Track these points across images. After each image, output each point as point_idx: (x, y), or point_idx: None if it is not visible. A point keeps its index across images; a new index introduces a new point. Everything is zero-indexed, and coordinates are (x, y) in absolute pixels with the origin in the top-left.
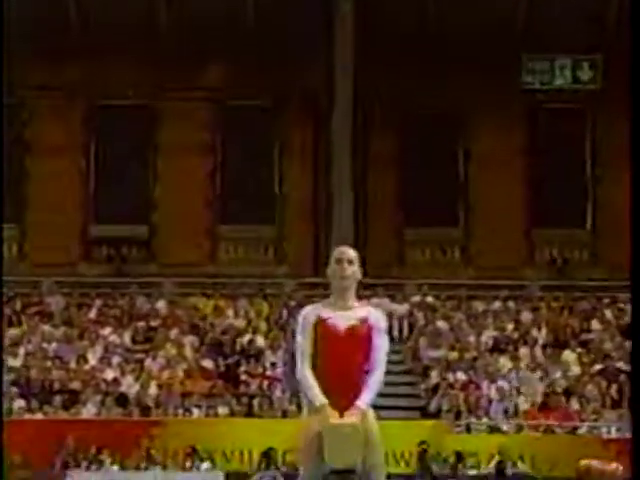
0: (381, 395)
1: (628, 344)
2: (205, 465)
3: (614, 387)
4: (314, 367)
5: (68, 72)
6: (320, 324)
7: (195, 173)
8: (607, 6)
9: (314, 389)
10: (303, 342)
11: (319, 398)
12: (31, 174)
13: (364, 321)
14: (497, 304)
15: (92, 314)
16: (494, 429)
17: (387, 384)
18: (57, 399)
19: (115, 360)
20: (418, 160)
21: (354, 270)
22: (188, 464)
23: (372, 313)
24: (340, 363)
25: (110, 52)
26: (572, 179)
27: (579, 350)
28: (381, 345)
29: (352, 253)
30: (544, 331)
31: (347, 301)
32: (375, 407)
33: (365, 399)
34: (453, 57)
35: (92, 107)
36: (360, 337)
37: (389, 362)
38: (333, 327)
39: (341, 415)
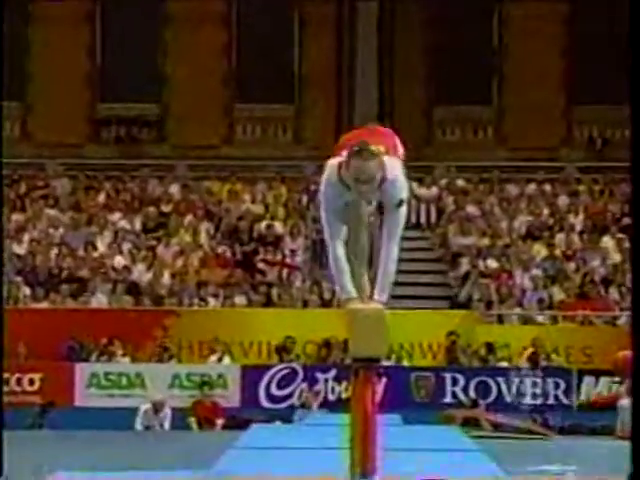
0: (408, 284)
1: None
2: (221, 357)
3: None
4: None
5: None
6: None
7: (209, 47)
8: None
9: (344, 278)
10: (332, 215)
11: (347, 290)
12: (33, 46)
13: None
14: (532, 187)
15: (100, 198)
16: (527, 320)
17: (414, 272)
18: (64, 288)
19: (125, 247)
20: (449, 28)
21: (372, 186)
22: (203, 356)
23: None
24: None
25: None
26: (613, 52)
27: (619, 236)
28: (397, 217)
29: (371, 171)
30: (582, 216)
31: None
32: (402, 297)
33: (382, 294)
34: None
35: None
36: None
37: (416, 249)
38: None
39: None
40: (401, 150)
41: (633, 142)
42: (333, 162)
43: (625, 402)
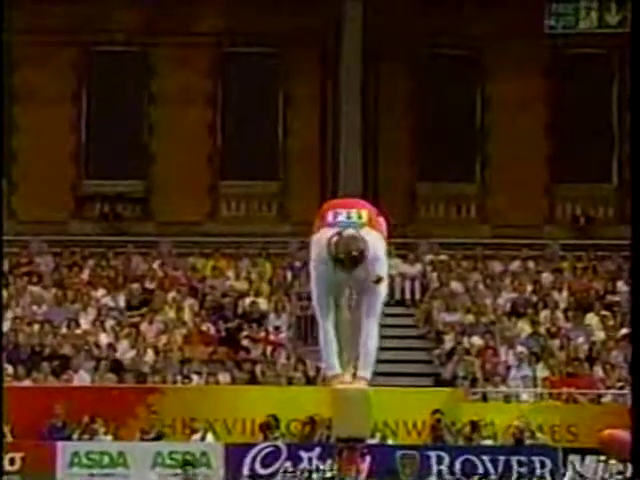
0: (393, 361)
1: None
2: (204, 435)
3: None
4: None
5: (57, 15)
6: None
7: (194, 125)
8: None
9: (331, 355)
10: (324, 292)
11: (333, 366)
12: (19, 124)
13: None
14: (516, 264)
15: (84, 275)
16: (512, 398)
17: (399, 349)
18: (47, 365)
19: (109, 324)
20: (432, 107)
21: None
22: (186, 434)
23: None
24: None
25: None
26: (597, 130)
27: (603, 313)
28: (376, 294)
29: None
30: (566, 293)
31: None
32: (386, 374)
33: (366, 372)
34: None
35: (83, 53)
36: None
37: (400, 326)
38: None
39: None
40: (384, 224)
41: (633, 148)
42: (320, 238)
43: None
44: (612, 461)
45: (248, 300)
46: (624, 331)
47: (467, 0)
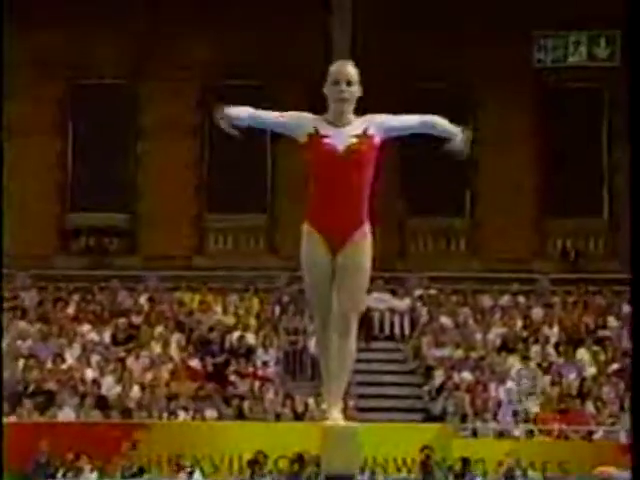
0: (382, 396)
1: None
2: (192, 472)
3: None
4: (310, 194)
5: (43, 47)
6: (316, 143)
7: (180, 158)
8: None
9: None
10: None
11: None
12: (4, 157)
13: (364, 133)
14: (506, 299)
15: (70, 310)
16: (503, 434)
17: (388, 384)
18: (32, 401)
19: (94, 359)
20: (420, 141)
21: (353, 91)
22: (173, 471)
23: (372, 122)
24: (338, 188)
25: (88, 24)
26: (587, 164)
27: (594, 348)
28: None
29: (352, 71)
30: (556, 328)
31: (344, 119)
32: (375, 409)
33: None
34: (458, 28)
35: (70, 86)
36: (360, 155)
37: (390, 361)
38: (331, 147)
39: (338, 249)
40: (369, 237)
41: (633, 148)
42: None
43: None
44: None
45: (236, 335)
46: (615, 366)
47: (454, 34)
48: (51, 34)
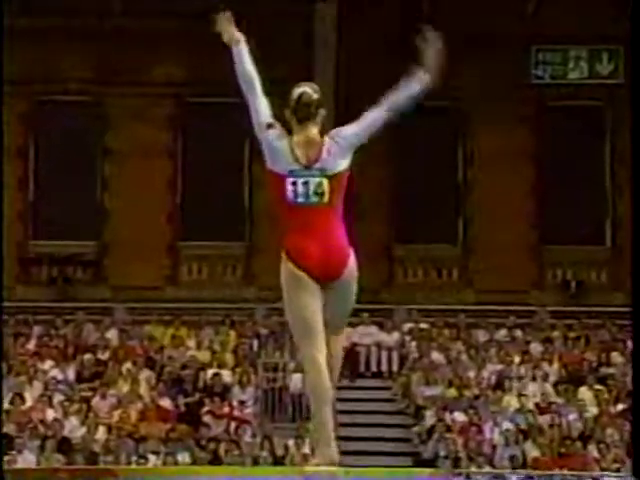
0: (367, 439)
1: None
2: None
3: None
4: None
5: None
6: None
7: (152, 181)
8: None
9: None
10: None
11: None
12: None
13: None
14: (502, 333)
15: (30, 345)
16: (499, 479)
17: (374, 426)
18: None
19: (57, 399)
20: (410, 163)
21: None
22: None
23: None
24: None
25: (53, 39)
26: (588, 188)
27: (597, 387)
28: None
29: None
30: (556, 365)
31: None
32: (361, 453)
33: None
34: (452, 44)
35: (32, 103)
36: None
37: (377, 400)
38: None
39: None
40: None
41: (633, 149)
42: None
43: None
44: None
45: (210, 372)
46: (620, 407)
47: (449, 49)
48: (12, 50)
